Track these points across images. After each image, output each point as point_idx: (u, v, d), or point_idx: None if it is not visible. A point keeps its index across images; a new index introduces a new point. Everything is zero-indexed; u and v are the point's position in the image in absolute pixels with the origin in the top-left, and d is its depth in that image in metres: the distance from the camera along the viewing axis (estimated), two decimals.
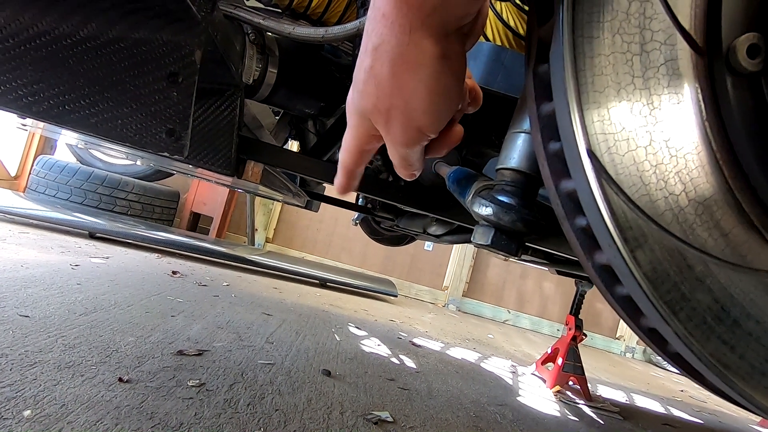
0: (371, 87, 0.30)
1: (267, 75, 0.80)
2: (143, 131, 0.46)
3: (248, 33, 0.76)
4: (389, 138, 0.32)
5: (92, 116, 0.44)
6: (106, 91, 0.45)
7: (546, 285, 4.09)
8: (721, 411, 2.36)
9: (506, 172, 0.35)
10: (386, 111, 0.30)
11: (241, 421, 0.90)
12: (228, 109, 0.73)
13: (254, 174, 0.78)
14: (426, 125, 0.30)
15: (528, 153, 0.34)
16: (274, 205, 3.79)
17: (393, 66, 0.28)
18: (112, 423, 0.78)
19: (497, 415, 1.36)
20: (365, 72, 0.30)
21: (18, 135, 3.11)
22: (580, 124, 0.26)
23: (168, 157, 0.47)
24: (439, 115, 0.30)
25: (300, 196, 1.48)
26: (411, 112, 0.30)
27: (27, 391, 0.81)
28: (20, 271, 1.50)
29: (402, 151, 0.33)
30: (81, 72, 0.45)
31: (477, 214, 0.34)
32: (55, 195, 2.64)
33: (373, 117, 0.32)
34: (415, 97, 0.29)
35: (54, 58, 0.44)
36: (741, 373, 0.27)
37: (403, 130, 0.31)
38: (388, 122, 0.31)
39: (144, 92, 0.46)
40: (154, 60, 0.47)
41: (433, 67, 0.28)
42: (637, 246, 0.26)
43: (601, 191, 0.26)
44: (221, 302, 1.78)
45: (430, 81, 0.28)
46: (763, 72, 0.27)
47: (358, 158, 0.37)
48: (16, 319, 1.10)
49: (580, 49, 0.26)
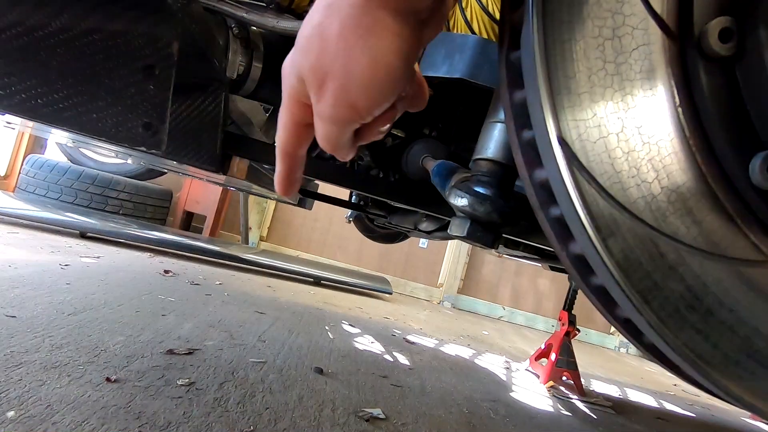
0: (314, 44, 0.27)
1: (252, 70, 0.79)
2: (119, 125, 0.45)
3: (232, 27, 0.75)
4: (318, 109, 0.30)
5: (66, 110, 0.43)
6: (80, 85, 0.44)
7: (541, 281, 4.10)
8: (714, 405, 2.38)
9: (482, 163, 0.35)
10: (323, 74, 0.28)
11: (231, 420, 0.89)
12: (212, 105, 0.72)
13: (240, 170, 0.77)
14: (361, 104, 0.28)
15: (504, 143, 0.34)
16: (268, 204, 3.77)
17: (343, 26, 0.26)
18: (99, 423, 0.77)
19: (490, 411, 1.36)
20: (312, 27, 0.28)
21: (7, 134, 3.07)
22: (551, 111, 0.26)
23: (145, 151, 0.46)
24: (377, 95, 0.28)
25: None
26: (348, 82, 0.27)
27: (12, 392, 0.79)
28: (8, 272, 1.48)
29: (328, 128, 0.30)
30: (54, 65, 0.44)
31: (454, 206, 0.34)
32: (46, 194, 2.62)
33: (307, 79, 0.29)
34: (357, 66, 0.27)
35: (25, 50, 0.43)
36: (715, 362, 0.26)
37: (334, 102, 0.28)
38: (321, 88, 0.28)
39: (119, 85, 0.45)
40: (130, 52, 0.46)
41: (384, 40, 0.26)
42: (609, 234, 0.25)
43: (573, 179, 0.25)
44: (213, 301, 1.77)
45: (376, 53, 0.26)
46: (736, 57, 0.27)
47: (295, 136, 0.33)
48: (2, 319, 1.09)
49: (551, 34, 0.26)
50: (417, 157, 0.86)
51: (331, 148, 0.32)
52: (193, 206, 3.44)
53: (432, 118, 0.94)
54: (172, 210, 3.39)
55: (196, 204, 3.43)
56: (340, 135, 0.31)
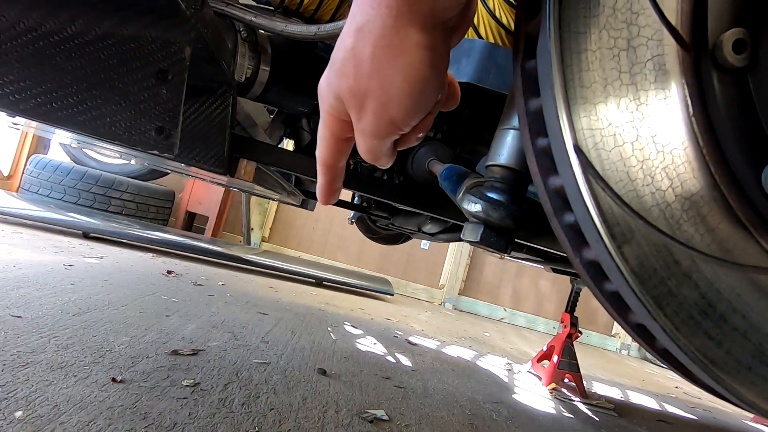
0: (349, 67, 0.28)
1: (260, 73, 0.79)
2: (132, 129, 0.46)
3: (240, 30, 0.76)
4: (359, 127, 0.31)
5: (80, 114, 0.44)
6: (94, 89, 0.45)
7: (542, 283, 4.11)
8: (716, 408, 2.38)
9: (495, 169, 0.35)
10: (362, 95, 0.29)
11: (236, 421, 0.90)
12: (220, 108, 0.73)
13: (247, 172, 0.77)
14: (400, 118, 0.29)
15: (517, 149, 0.34)
16: (269, 205, 3.77)
17: (375, 48, 0.27)
18: (105, 423, 0.77)
19: (492, 413, 1.36)
20: (345, 51, 0.29)
21: (11, 134, 3.08)
22: (567, 120, 0.26)
23: (157, 155, 0.47)
24: (415, 108, 0.29)
25: (295, 194, 1.48)
26: (387, 101, 0.28)
27: (19, 392, 0.80)
28: (12, 272, 1.49)
29: (371, 143, 0.31)
30: (68, 69, 0.44)
31: (467, 211, 0.34)
32: (49, 195, 2.62)
33: (346, 100, 0.30)
34: (392, 85, 0.28)
35: (41, 55, 0.44)
36: (727, 368, 0.27)
37: (375, 120, 0.29)
38: (362, 109, 0.30)
39: (133, 90, 0.46)
40: (143, 57, 0.46)
41: (415, 56, 0.27)
42: (624, 242, 0.26)
43: (588, 187, 0.26)
44: (216, 302, 1.78)
45: (410, 70, 0.27)
46: (749, 67, 0.27)
47: (335, 150, 0.34)
48: (8, 319, 1.09)
49: (567, 45, 0.26)
50: (423, 159, 0.86)
51: (373, 159, 0.34)
52: (196, 207, 3.45)
53: (437, 120, 0.94)
54: (175, 210, 3.39)
55: (199, 205, 3.43)
56: (381, 147, 0.32)
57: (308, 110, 0.99)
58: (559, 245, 0.75)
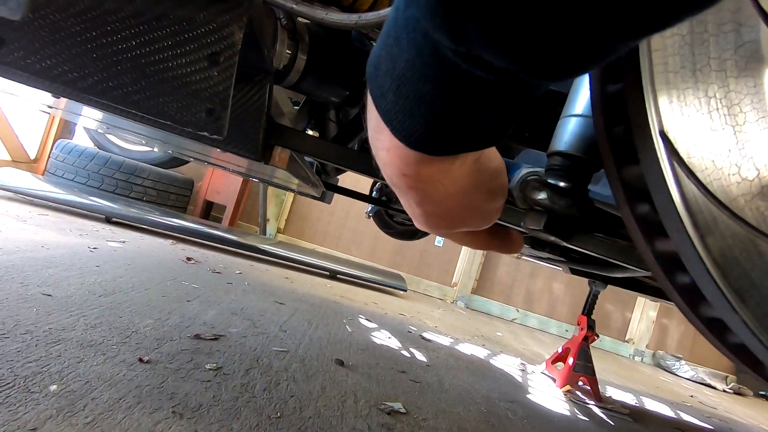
0: (384, 168, 0.26)
1: (297, 61, 0.79)
2: (184, 110, 0.46)
3: (280, 18, 0.76)
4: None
5: (135, 93, 0.44)
6: (148, 68, 0.45)
7: (555, 285, 4.06)
8: (732, 418, 2.33)
9: (558, 157, 0.35)
10: (401, 195, 0.27)
11: (258, 406, 0.91)
12: (258, 94, 0.73)
13: (282, 160, 0.78)
14: (436, 231, 0.29)
15: (581, 136, 0.34)
16: (286, 196, 3.80)
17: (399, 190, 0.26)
18: (134, 401, 0.79)
19: (508, 412, 1.35)
20: (410, 208, 0.28)
21: (38, 119, 3.15)
22: (653, 105, 0.25)
23: (207, 136, 0.47)
24: (449, 227, 0.28)
25: (317, 186, 1.48)
26: (421, 220, 0.28)
27: (52, 366, 0.82)
28: (41, 252, 1.53)
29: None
30: (125, 49, 0.45)
31: (530, 199, 0.34)
32: (73, 179, 2.68)
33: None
34: (467, 228, 0.29)
35: (98, 35, 0.44)
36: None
37: (418, 223, 0.29)
38: (408, 207, 0.28)
39: (185, 71, 0.46)
40: (196, 39, 0.47)
41: (489, 219, 0.29)
42: (708, 232, 0.25)
43: (673, 174, 0.25)
44: (235, 289, 1.80)
45: (481, 224, 0.28)
46: None
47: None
48: (39, 297, 1.12)
49: None
50: None
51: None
52: (214, 196, 3.48)
53: None
54: (193, 199, 3.44)
55: (217, 194, 3.47)
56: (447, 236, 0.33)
57: (339, 100, 0.99)
58: (600, 245, 0.73)
